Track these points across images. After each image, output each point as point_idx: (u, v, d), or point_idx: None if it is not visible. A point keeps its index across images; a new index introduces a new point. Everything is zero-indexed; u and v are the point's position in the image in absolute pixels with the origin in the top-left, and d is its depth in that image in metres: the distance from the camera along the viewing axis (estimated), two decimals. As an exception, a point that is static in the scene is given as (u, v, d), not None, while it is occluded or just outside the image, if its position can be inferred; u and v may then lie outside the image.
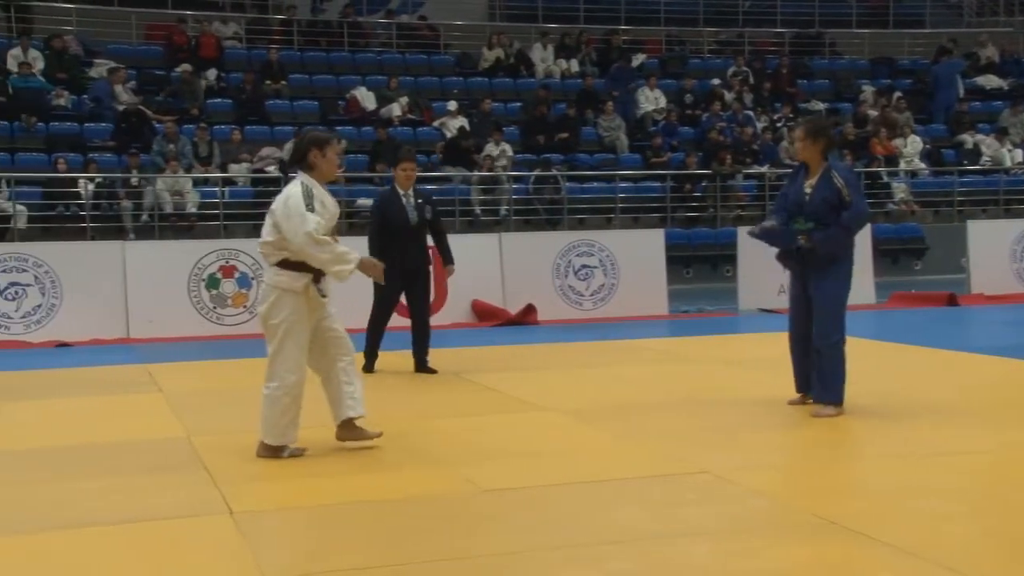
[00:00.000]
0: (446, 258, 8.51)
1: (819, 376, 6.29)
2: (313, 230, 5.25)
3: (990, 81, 21.87)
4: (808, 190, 6.26)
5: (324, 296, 5.49)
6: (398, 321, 8.69)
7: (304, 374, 5.51)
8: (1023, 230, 14.07)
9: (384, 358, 8.59)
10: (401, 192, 8.31)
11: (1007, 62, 22.50)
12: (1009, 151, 19.26)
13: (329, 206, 5.46)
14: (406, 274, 8.21)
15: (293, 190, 5.36)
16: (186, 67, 17.78)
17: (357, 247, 8.20)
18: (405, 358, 8.57)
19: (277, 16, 21.09)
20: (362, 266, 5.45)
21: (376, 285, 8.24)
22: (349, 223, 14.83)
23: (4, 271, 10.98)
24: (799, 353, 6.46)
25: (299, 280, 5.37)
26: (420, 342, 8.45)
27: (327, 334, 5.55)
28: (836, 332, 6.23)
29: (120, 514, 4.62)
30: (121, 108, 16.76)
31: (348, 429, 5.69)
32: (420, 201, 8.38)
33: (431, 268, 8.51)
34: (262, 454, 5.53)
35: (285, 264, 5.36)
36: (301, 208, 5.26)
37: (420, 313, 8.44)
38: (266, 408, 5.48)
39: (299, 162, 5.46)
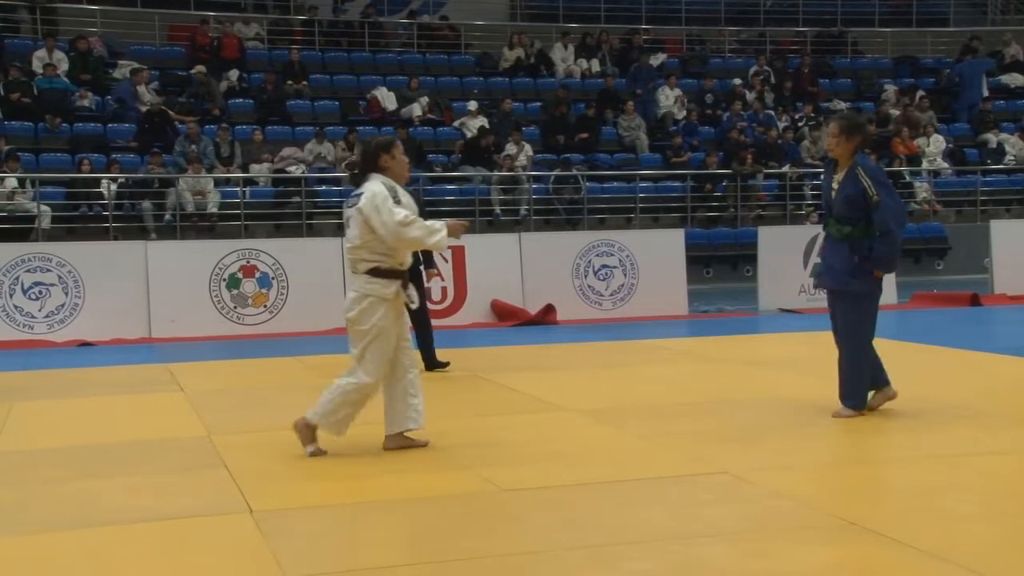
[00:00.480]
0: (428, 262, 8.53)
1: (841, 377, 6.25)
2: (403, 217, 5.32)
3: (1014, 80, 21.68)
4: (835, 186, 6.17)
5: (413, 304, 5.61)
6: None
7: (380, 382, 5.56)
8: (1048, 230, 13.96)
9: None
10: None
11: (1033, 60, 22.32)
12: (1033, 150, 19.10)
13: (409, 204, 5.53)
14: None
15: (375, 188, 5.40)
16: (200, 68, 17.86)
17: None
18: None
19: (299, 16, 21.17)
20: (451, 230, 5.52)
21: None
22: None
23: (28, 271, 11.08)
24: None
25: (390, 287, 5.44)
26: (424, 341, 8.47)
27: (401, 343, 5.63)
28: (855, 338, 6.14)
29: (140, 513, 4.65)
30: (144, 109, 16.87)
31: (399, 440, 5.71)
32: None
33: (422, 268, 8.54)
34: (299, 426, 5.57)
35: (376, 272, 5.42)
36: (388, 202, 5.34)
37: (420, 312, 8.45)
38: (331, 393, 5.52)
39: (372, 168, 5.52)
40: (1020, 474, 5.11)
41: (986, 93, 20.67)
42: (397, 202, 5.38)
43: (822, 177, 6.58)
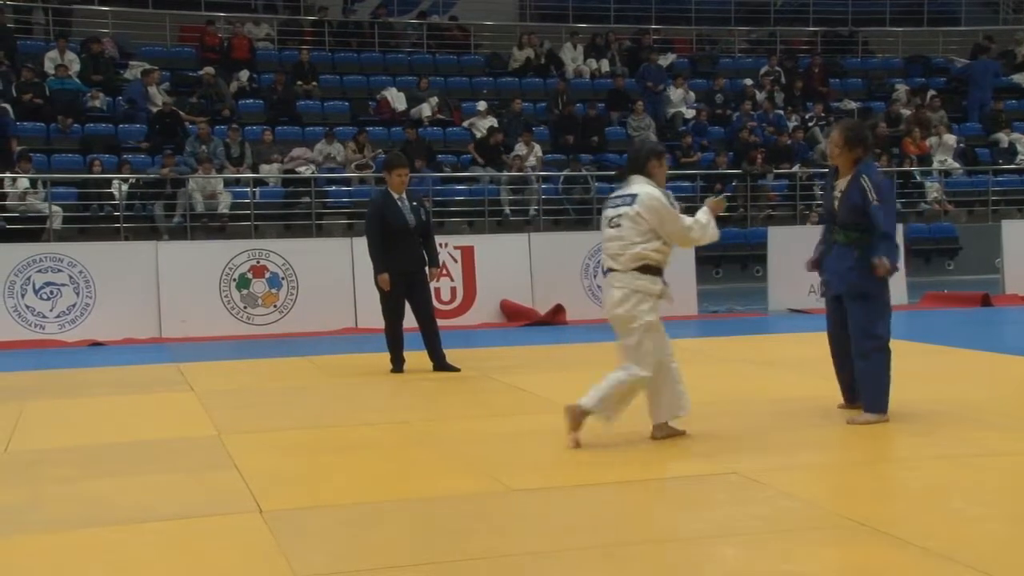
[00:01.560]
0: (433, 260, 8.56)
1: (860, 383, 6.15)
2: (688, 221, 5.66)
3: (1026, 79, 21.62)
4: (837, 194, 6.14)
5: (672, 300, 5.83)
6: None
7: (654, 375, 5.68)
8: (1059, 230, 13.90)
9: (411, 359, 8.61)
10: (396, 196, 8.38)
11: (1044, 59, 22.24)
12: (1046, 150, 19.04)
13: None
14: (407, 276, 8.33)
15: (651, 191, 5.62)
16: (209, 70, 17.91)
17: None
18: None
19: (309, 17, 21.21)
20: (714, 211, 5.88)
21: (381, 291, 8.33)
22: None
23: (40, 271, 11.13)
24: (838, 365, 6.32)
25: (657, 284, 5.66)
26: (432, 342, 8.49)
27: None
28: (870, 340, 6.03)
29: (151, 512, 4.66)
30: (155, 110, 16.93)
31: (666, 429, 5.82)
32: (415, 204, 8.49)
33: (426, 269, 8.55)
34: (571, 411, 5.68)
35: (645, 269, 5.62)
36: (671, 208, 5.63)
37: (425, 313, 8.49)
38: (609, 383, 5.65)
39: (639, 171, 5.74)
40: (1031, 475, 5.09)
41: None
42: (673, 205, 5.71)
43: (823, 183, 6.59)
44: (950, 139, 18.87)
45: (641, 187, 5.64)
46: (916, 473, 5.16)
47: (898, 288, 13.13)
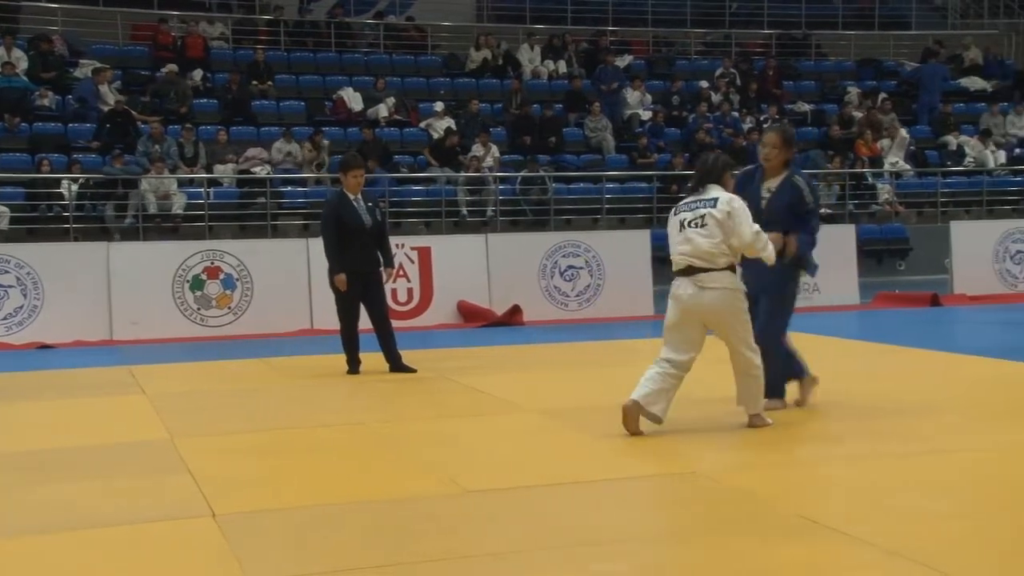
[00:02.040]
0: (388, 260, 8.54)
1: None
2: (756, 231, 5.88)
3: (974, 83, 21.97)
4: (766, 194, 6.28)
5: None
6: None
7: None
8: (1006, 231, 14.14)
9: (367, 360, 8.57)
10: (351, 196, 8.37)
11: (991, 64, 22.61)
12: (992, 152, 19.35)
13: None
14: (362, 276, 8.32)
15: (732, 198, 5.88)
16: (172, 67, 17.71)
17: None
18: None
19: (264, 16, 21.04)
20: (774, 243, 6.05)
21: (336, 292, 8.30)
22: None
23: (-13, 272, 10.93)
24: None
25: (738, 279, 5.95)
26: (387, 343, 8.46)
27: None
28: (772, 336, 6.24)
29: (102, 517, 4.59)
30: (106, 108, 16.70)
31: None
32: (370, 204, 8.49)
33: (381, 270, 8.53)
34: (758, 423, 6.00)
35: (732, 268, 5.87)
36: (749, 215, 5.87)
37: (380, 314, 8.47)
38: (755, 384, 5.99)
39: (716, 180, 5.98)
40: (980, 472, 5.16)
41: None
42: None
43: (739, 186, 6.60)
44: (904, 138, 19.10)
45: (720, 192, 5.89)
46: (868, 470, 5.22)
47: (850, 288, 13.32)
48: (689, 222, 5.85)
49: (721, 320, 5.85)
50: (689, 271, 5.82)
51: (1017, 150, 19.87)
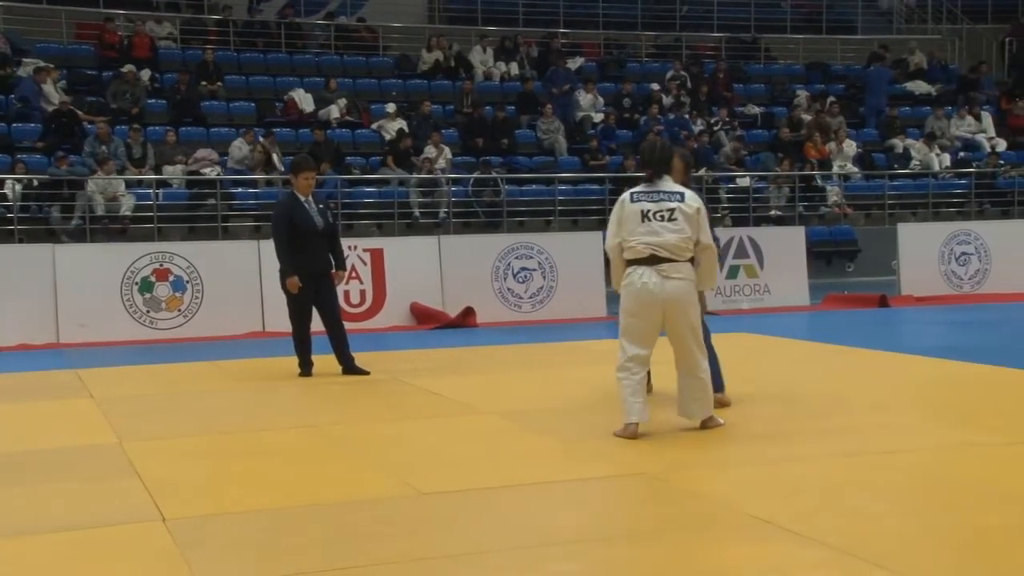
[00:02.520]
0: (339, 263, 8.51)
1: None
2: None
3: (919, 87, 22.35)
4: None
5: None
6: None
7: None
8: (951, 233, 14.40)
9: (320, 362, 8.51)
10: (302, 198, 8.33)
11: (935, 68, 23.03)
12: (937, 155, 19.69)
13: None
14: (314, 278, 8.29)
15: (695, 195, 5.87)
16: (130, 67, 17.45)
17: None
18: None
19: (213, 16, 20.80)
20: None
21: (288, 294, 8.25)
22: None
23: (-72, 275, 10.69)
24: None
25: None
26: (340, 344, 8.43)
27: None
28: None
29: (49, 523, 4.51)
30: (51, 108, 16.41)
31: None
32: (321, 206, 8.47)
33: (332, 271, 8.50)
34: (711, 425, 5.97)
35: (694, 262, 5.87)
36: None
37: (332, 316, 8.45)
38: (700, 388, 5.94)
39: (668, 171, 5.93)
40: (928, 471, 5.25)
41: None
42: None
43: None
44: (851, 144, 19.37)
45: (680, 187, 5.90)
46: (817, 470, 5.28)
47: (800, 290, 13.49)
48: (654, 214, 5.80)
49: (680, 311, 5.80)
50: (652, 260, 5.77)
51: (961, 153, 20.24)
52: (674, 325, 5.85)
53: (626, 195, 5.95)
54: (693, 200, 5.84)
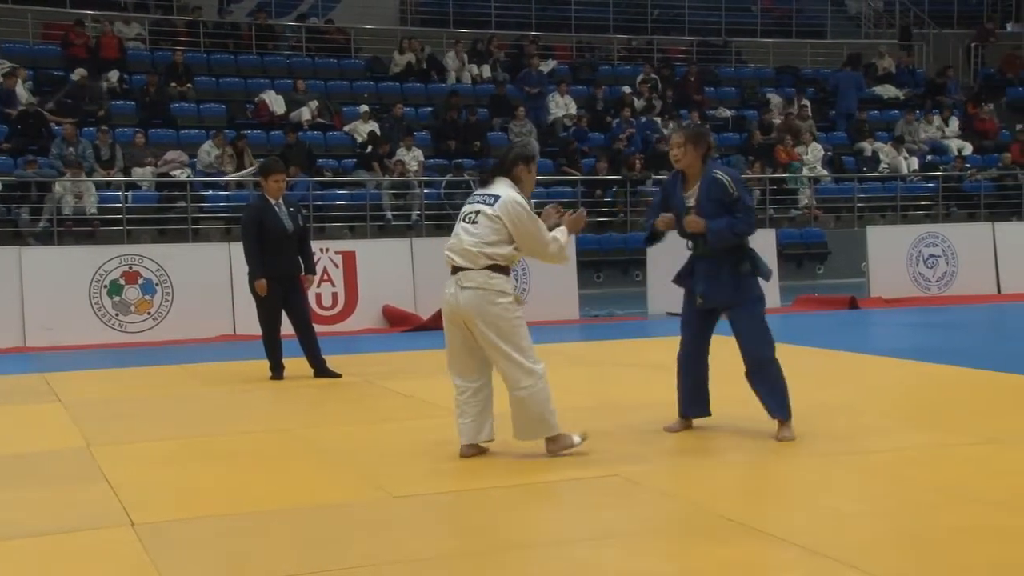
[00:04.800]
0: (308, 267, 8.48)
1: (763, 396, 5.94)
2: (548, 236, 5.50)
3: (887, 91, 22.57)
4: (691, 203, 5.86)
5: (522, 303, 5.61)
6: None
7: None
8: (919, 235, 14.53)
9: (291, 365, 8.47)
10: (273, 201, 8.29)
11: (902, 72, 23.25)
12: (905, 159, 19.89)
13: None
14: (284, 281, 8.27)
15: (516, 196, 5.44)
16: (82, 71, 17.22)
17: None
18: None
19: (182, 17, 20.65)
20: (572, 229, 5.69)
21: (257, 297, 8.22)
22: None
23: None
24: (687, 376, 6.07)
25: (510, 283, 5.48)
26: (310, 347, 8.40)
27: None
28: (769, 347, 5.93)
29: (17, 528, 4.45)
30: (17, 110, 16.22)
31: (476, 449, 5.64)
32: (292, 209, 8.44)
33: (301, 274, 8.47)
34: (556, 449, 5.46)
35: (496, 268, 5.42)
36: (533, 217, 5.48)
37: (303, 318, 8.43)
38: (520, 407, 5.42)
39: (506, 174, 5.52)
40: (899, 472, 5.28)
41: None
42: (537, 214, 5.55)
43: (657, 197, 6.27)
44: (817, 147, 19.51)
45: (505, 190, 5.45)
46: (789, 471, 5.31)
47: (771, 292, 13.53)
48: (465, 215, 5.51)
49: (474, 324, 5.38)
50: (453, 270, 5.50)
51: (928, 157, 20.45)
52: (477, 338, 5.43)
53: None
54: (506, 203, 5.36)
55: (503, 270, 5.45)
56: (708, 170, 5.88)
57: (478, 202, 5.51)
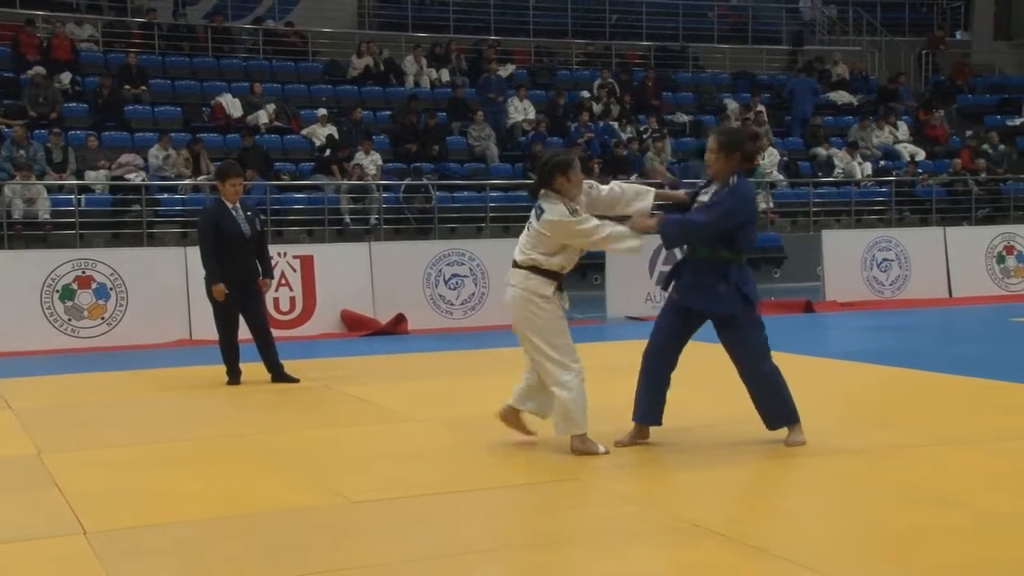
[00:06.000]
0: (267, 272, 8.44)
1: (768, 402, 5.89)
2: (595, 223, 5.69)
3: (841, 97, 22.85)
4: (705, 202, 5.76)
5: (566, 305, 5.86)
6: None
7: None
8: (872, 239, 14.72)
9: (248, 370, 8.39)
10: (230, 205, 8.24)
11: (856, 79, 23.56)
12: (859, 164, 20.14)
13: None
14: (241, 286, 8.22)
15: (554, 212, 5.59)
16: (39, 70, 17.00)
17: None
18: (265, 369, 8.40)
19: (137, 19, 20.41)
20: (638, 227, 5.81)
21: (214, 301, 8.15)
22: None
23: None
24: (647, 377, 5.95)
25: (550, 287, 5.67)
26: (268, 351, 8.35)
27: None
28: (767, 360, 5.93)
29: (-36, 538, 4.36)
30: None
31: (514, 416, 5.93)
32: (249, 213, 8.39)
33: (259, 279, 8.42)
34: (580, 449, 5.59)
35: (537, 271, 5.65)
36: (571, 219, 5.59)
37: (260, 323, 8.38)
38: (560, 404, 5.56)
39: (547, 186, 5.63)
40: (857, 474, 5.34)
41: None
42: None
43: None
44: (774, 152, 19.70)
45: (549, 204, 5.57)
46: (747, 474, 5.35)
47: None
48: (528, 224, 5.75)
49: (514, 318, 5.69)
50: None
51: (881, 162, 20.73)
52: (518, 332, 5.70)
53: None
54: (546, 221, 5.55)
55: (545, 273, 5.64)
56: (731, 179, 5.70)
57: (534, 211, 5.72)
